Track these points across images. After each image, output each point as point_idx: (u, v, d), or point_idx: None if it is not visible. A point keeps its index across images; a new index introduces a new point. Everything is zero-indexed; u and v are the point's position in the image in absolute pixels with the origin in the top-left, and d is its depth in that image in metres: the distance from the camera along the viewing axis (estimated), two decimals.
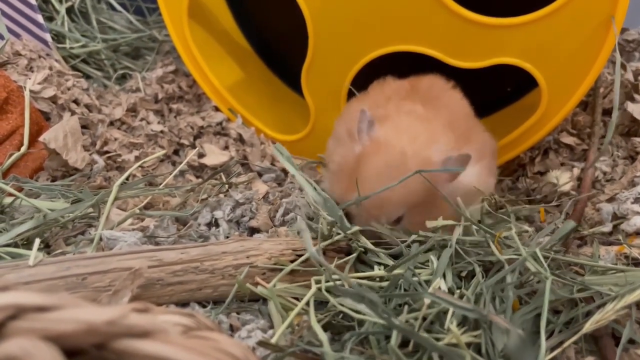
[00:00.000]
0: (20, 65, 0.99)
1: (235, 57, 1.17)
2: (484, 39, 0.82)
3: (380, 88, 0.86)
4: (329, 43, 0.90)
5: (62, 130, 0.86)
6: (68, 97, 0.98)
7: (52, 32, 1.14)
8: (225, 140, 1.05)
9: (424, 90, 0.81)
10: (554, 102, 0.85)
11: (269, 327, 0.59)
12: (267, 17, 1.18)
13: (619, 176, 0.88)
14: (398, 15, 0.83)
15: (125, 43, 1.27)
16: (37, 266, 0.58)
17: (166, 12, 1.03)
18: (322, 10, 0.87)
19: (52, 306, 0.26)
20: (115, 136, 0.98)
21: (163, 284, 0.60)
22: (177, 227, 0.77)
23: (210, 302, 0.63)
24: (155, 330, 0.27)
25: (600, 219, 0.80)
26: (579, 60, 0.82)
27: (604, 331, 0.57)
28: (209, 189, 0.86)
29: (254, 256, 0.63)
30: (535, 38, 0.80)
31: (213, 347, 0.30)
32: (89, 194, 0.75)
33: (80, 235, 0.73)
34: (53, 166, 0.87)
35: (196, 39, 1.04)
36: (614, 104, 0.81)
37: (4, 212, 0.74)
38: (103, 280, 0.58)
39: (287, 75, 1.19)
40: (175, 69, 1.18)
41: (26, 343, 0.24)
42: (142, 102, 1.10)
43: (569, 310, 0.59)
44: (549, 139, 0.96)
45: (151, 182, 0.90)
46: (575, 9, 0.77)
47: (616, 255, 0.67)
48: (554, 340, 0.54)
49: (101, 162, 0.91)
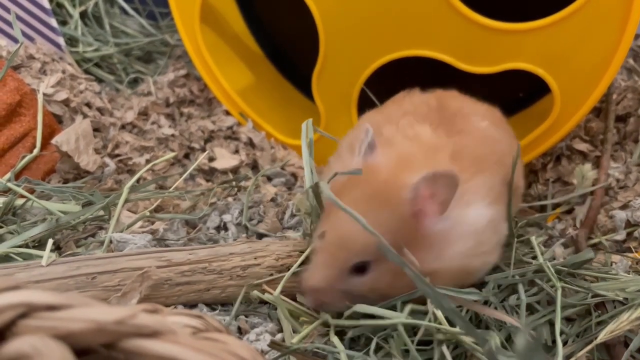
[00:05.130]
0: (33, 68, 1.00)
1: (246, 62, 1.17)
2: (496, 44, 0.82)
3: (400, 101, 0.76)
4: (340, 47, 0.90)
5: (74, 133, 0.87)
6: (80, 101, 0.99)
7: (65, 36, 1.15)
8: (236, 144, 1.05)
9: (451, 110, 0.70)
10: (567, 108, 0.85)
11: (278, 331, 0.58)
12: (278, 22, 1.18)
13: (632, 183, 0.87)
14: (410, 19, 0.83)
15: (137, 47, 1.28)
16: (48, 266, 0.58)
17: (178, 17, 1.04)
18: (333, 15, 0.87)
19: (62, 305, 0.26)
20: (127, 139, 0.99)
21: (171, 284, 0.60)
22: (187, 231, 0.77)
23: (219, 305, 0.63)
24: (165, 331, 0.27)
25: (614, 226, 0.79)
26: (592, 66, 0.81)
27: (617, 340, 0.56)
28: (218, 193, 0.86)
29: (261, 257, 0.63)
30: (548, 44, 0.80)
31: (222, 349, 0.30)
32: (100, 197, 0.75)
33: (91, 237, 0.73)
34: (65, 168, 0.87)
35: (208, 43, 1.05)
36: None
37: (15, 214, 0.75)
38: (112, 279, 0.58)
39: (297, 80, 1.19)
40: (187, 73, 1.19)
41: (36, 341, 0.24)
42: (153, 105, 1.10)
43: (582, 319, 0.58)
44: (561, 146, 0.95)
45: (161, 186, 0.90)
46: (588, 14, 0.77)
47: (631, 263, 0.66)
48: (568, 349, 0.54)
49: (112, 165, 0.92)
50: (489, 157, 0.64)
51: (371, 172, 0.56)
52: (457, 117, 0.68)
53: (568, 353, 0.54)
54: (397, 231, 0.52)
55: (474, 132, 0.66)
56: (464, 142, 0.63)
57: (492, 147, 0.66)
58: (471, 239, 0.56)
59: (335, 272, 0.54)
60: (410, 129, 0.65)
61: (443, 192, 0.53)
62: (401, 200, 0.53)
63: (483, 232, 0.58)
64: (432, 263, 0.54)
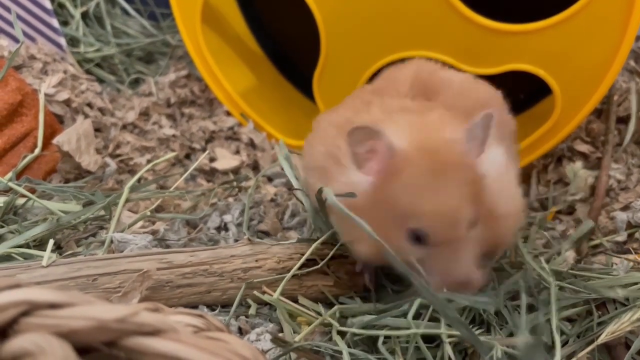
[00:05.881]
0: (35, 68, 1.00)
1: (248, 62, 1.18)
2: (498, 45, 0.82)
3: (351, 97, 0.70)
4: (341, 49, 0.90)
5: (76, 133, 0.87)
6: (82, 101, 0.99)
7: (66, 36, 1.16)
8: (237, 145, 1.05)
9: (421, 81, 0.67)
10: (568, 109, 0.85)
11: (278, 331, 0.58)
12: (279, 23, 1.18)
13: (633, 184, 0.87)
14: (410, 21, 0.83)
15: (138, 48, 1.28)
16: (49, 267, 0.58)
17: (179, 18, 1.04)
18: (334, 16, 0.87)
19: (64, 303, 0.26)
20: (128, 140, 0.99)
21: (172, 286, 0.60)
22: (188, 231, 0.77)
23: (219, 306, 0.63)
24: (166, 329, 0.27)
25: (615, 227, 0.79)
26: (594, 68, 0.81)
27: (618, 341, 0.56)
28: (219, 193, 0.86)
29: (262, 260, 0.63)
30: (550, 45, 0.80)
31: (223, 348, 0.30)
32: (101, 196, 0.75)
33: (92, 237, 0.73)
34: (66, 168, 0.87)
35: (209, 44, 1.05)
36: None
37: (17, 213, 0.75)
38: (113, 281, 0.58)
39: (299, 81, 1.19)
40: (188, 74, 1.19)
41: (39, 339, 0.24)
42: (154, 106, 1.10)
43: (583, 319, 0.58)
44: (562, 147, 0.95)
45: (162, 186, 0.90)
46: (590, 16, 0.77)
47: (632, 264, 0.66)
48: (568, 349, 0.54)
49: (113, 165, 0.92)
50: (475, 105, 0.62)
51: (405, 157, 0.51)
52: (429, 83, 0.66)
53: (568, 353, 0.54)
54: (477, 192, 0.51)
55: (452, 86, 0.65)
56: (447, 100, 0.62)
57: (475, 95, 0.66)
58: (504, 172, 0.56)
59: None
60: (393, 104, 0.61)
61: (481, 133, 0.52)
62: (462, 160, 0.51)
63: (507, 165, 0.58)
64: (504, 207, 0.53)
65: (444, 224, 0.49)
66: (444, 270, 0.50)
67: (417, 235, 0.50)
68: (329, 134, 0.60)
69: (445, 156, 0.50)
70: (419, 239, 0.50)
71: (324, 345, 0.53)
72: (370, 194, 0.52)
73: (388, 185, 0.51)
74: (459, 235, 0.50)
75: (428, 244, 0.50)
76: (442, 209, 0.49)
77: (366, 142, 0.52)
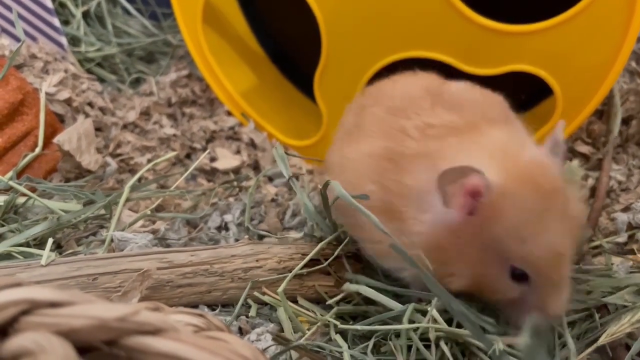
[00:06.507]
0: (36, 67, 1.00)
1: (249, 62, 1.18)
2: (499, 46, 0.81)
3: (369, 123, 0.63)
4: (342, 49, 0.90)
5: (76, 133, 0.87)
6: (82, 100, 0.99)
7: (68, 35, 1.16)
8: (237, 144, 1.05)
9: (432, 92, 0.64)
10: (569, 110, 0.85)
11: (279, 331, 0.58)
12: (280, 23, 1.18)
13: (634, 185, 0.87)
14: (411, 21, 0.83)
15: (139, 47, 1.28)
16: (49, 266, 0.58)
17: (180, 17, 1.04)
18: (335, 16, 0.87)
19: (65, 302, 0.26)
20: (128, 139, 0.99)
21: (173, 285, 0.60)
22: (188, 230, 0.77)
23: (219, 306, 0.63)
24: (167, 328, 0.27)
25: (615, 228, 0.79)
26: (595, 69, 0.81)
27: (618, 342, 0.56)
28: (219, 193, 0.86)
29: (263, 260, 0.63)
30: (551, 45, 0.80)
31: (224, 347, 0.30)
32: (102, 196, 0.75)
33: (92, 236, 0.73)
34: (66, 168, 0.87)
35: (210, 44, 1.05)
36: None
37: (17, 212, 0.75)
38: (113, 281, 0.58)
39: (300, 81, 1.19)
40: (189, 74, 1.19)
41: (39, 337, 0.24)
42: (155, 105, 1.10)
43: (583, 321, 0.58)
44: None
45: (163, 186, 0.90)
46: (591, 16, 0.77)
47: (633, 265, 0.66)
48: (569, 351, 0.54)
49: (114, 165, 0.92)
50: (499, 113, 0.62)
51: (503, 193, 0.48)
52: (446, 96, 0.63)
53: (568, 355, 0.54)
54: (573, 218, 0.51)
55: (467, 97, 0.63)
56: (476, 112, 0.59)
57: (490, 101, 0.65)
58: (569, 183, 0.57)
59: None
60: (442, 127, 0.57)
61: (561, 148, 0.55)
62: (559, 186, 0.50)
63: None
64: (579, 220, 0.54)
65: (550, 266, 0.48)
66: (543, 306, 0.49)
67: (520, 274, 0.49)
68: (375, 170, 0.56)
69: (543, 186, 0.49)
70: (521, 277, 0.49)
71: (326, 347, 0.53)
72: (462, 230, 0.50)
73: (487, 222, 0.49)
74: (564, 274, 0.49)
75: (530, 283, 0.49)
76: (549, 251, 0.48)
77: (458, 181, 0.48)
